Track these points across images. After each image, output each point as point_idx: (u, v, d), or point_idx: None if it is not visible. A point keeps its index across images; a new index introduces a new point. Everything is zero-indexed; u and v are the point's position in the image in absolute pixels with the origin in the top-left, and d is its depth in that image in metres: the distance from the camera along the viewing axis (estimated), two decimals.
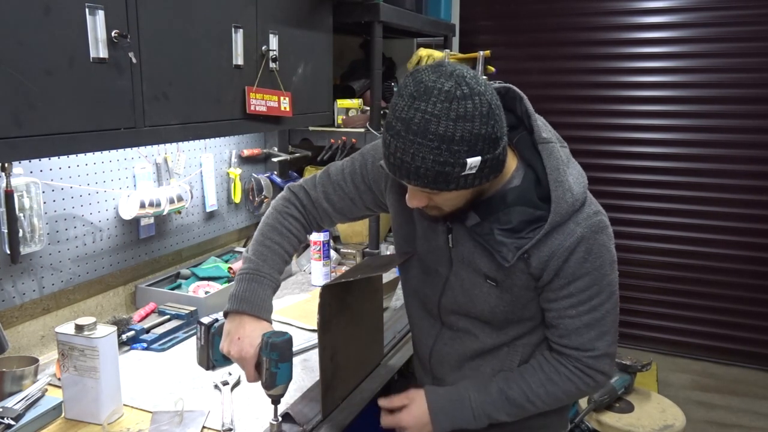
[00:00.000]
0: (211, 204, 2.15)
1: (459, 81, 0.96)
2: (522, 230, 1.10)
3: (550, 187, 1.09)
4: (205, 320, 1.25)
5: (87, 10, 1.17)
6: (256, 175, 2.34)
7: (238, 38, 1.62)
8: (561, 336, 1.18)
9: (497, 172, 1.04)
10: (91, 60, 1.19)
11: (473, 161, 0.97)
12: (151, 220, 1.89)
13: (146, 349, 1.58)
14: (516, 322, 1.22)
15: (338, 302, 1.29)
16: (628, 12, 3.38)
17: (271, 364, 1.14)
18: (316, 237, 2.06)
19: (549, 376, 1.20)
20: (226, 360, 1.22)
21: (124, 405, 1.30)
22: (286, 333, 1.17)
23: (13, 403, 1.23)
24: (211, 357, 1.24)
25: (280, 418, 1.23)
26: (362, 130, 2.28)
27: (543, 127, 1.14)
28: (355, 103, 2.46)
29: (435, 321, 1.32)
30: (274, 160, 2.38)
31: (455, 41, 3.31)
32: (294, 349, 1.57)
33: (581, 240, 1.10)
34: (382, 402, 1.34)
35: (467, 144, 0.96)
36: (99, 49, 1.20)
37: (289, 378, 1.17)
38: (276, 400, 1.20)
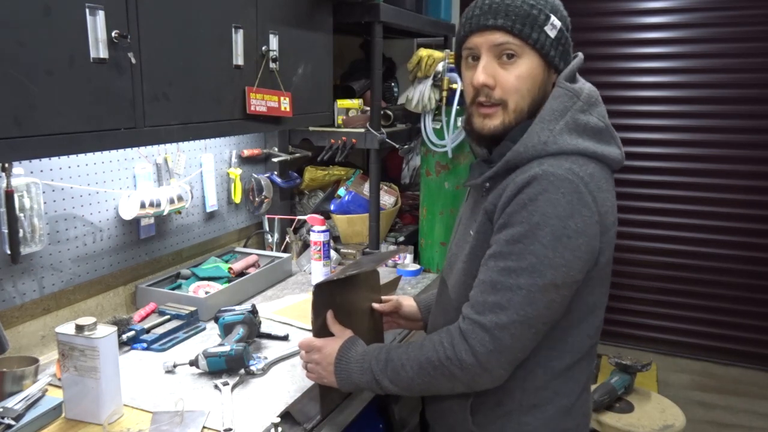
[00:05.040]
0: (211, 204, 2.15)
1: None
2: (495, 162, 1.10)
3: (534, 120, 1.05)
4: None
5: (87, 10, 1.17)
6: (256, 176, 2.34)
7: (238, 38, 1.62)
8: (474, 285, 1.08)
9: (566, 60, 1.10)
10: (91, 60, 1.19)
11: (555, 20, 1.06)
12: (152, 221, 1.89)
13: (146, 349, 1.58)
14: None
15: (332, 301, 1.29)
16: (627, 12, 3.39)
17: None
18: (316, 237, 2.06)
19: (423, 342, 1.12)
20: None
21: (125, 405, 1.30)
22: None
23: (14, 403, 1.23)
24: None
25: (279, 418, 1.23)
26: (362, 130, 2.28)
27: (581, 86, 1.09)
28: (355, 103, 2.46)
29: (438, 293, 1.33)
30: (275, 160, 2.38)
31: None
32: (294, 349, 1.59)
33: (533, 180, 0.99)
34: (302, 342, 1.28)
35: (551, 6, 1.07)
36: (99, 50, 1.20)
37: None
38: None
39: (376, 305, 1.45)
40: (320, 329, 1.26)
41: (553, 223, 0.98)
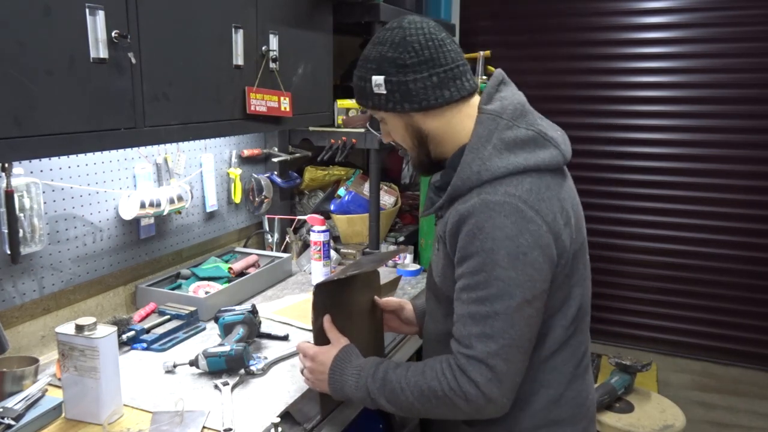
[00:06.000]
0: (211, 204, 2.15)
1: (401, 21, 1.14)
2: (444, 190, 1.15)
3: (465, 152, 1.11)
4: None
5: (87, 10, 1.17)
6: (256, 176, 2.34)
7: (238, 38, 1.62)
8: (454, 321, 1.10)
9: (411, 102, 1.12)
10: (91, 60, 1.19)
11: (377, 79, 1.13)
12: (152, 221, 1.89)
13: (146, 349, 1.58)
14: (450, 310, 1.15)
15: (333, 301, 1.30)
16: (627, 12, 3.39)
17: None
18: (316, 237, 2.06)
19: (424, 368, 1.12)
20: None
21: (125, 405, 1.30)
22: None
23: (14, 403, 1.23)
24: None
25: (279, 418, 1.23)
26: (362, 130, 2.28)
27: (502, 103, 1.13)
28: (355, 103, 2.46)
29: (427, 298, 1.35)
30: (274, 160, 2.39)
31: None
32: (294, 349, 1.59)
33: (472, 211, 1.04)
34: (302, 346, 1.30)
35: (375, 63, 1.13)
36: (99, 50, 1.20)
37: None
38: None
39: (379, 299, 1.46)
40: (318, 333, 1.26)
41: (507, 245, 1.02)
